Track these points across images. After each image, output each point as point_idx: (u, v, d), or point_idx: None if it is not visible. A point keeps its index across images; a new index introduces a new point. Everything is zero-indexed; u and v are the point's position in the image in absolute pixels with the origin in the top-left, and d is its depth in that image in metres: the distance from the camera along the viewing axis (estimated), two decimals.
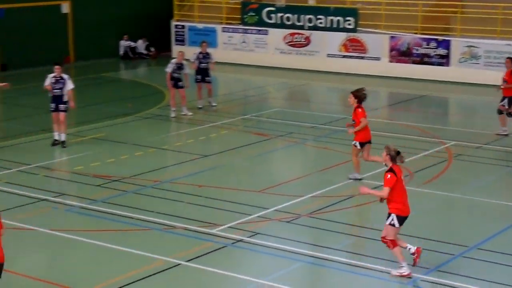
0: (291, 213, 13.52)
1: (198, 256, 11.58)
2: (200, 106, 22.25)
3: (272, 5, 30.82)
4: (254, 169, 16.71)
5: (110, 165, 16.74)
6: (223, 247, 12.02)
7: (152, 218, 13.19)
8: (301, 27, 30.26)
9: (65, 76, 17.82)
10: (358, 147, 15.16)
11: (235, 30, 31.57)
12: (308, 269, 11.38)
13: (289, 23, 30.53)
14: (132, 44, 32.61)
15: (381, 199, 10.98)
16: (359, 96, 15.16)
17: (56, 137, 17.96)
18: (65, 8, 30.61)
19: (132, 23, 32.76)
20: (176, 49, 29.14)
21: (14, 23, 28.67)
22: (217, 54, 30.38)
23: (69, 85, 17.84)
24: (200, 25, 32.27)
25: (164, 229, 12.76)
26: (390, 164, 10.85)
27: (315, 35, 29.92)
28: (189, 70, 21.41)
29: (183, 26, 32.56)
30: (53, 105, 17.76)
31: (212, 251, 11.83)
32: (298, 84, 27.66)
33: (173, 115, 21.06)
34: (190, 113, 21.22)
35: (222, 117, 21.38)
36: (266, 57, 30.96)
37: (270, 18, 30.93)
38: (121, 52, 32.58)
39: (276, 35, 30.69)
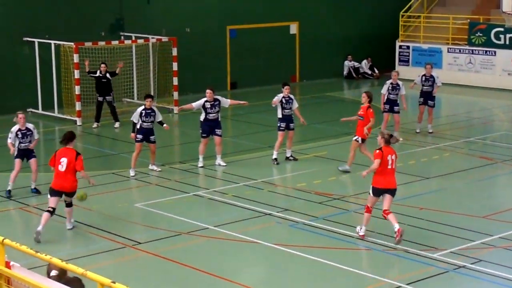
0: None
1: (419, 280, 11.47)
2: (417, 131, 21.78)
3: (502, 26, 29.83)
4: (478, 194, 16.27)
5: (332, 183, 17.01)
6: (444, 272, 11.83)
7: (373, 239, 13.24)
8: None
9: (291, 96, 18.41)
10: (360, 142, 17.30)
11: (461, 51, 30.92)
12: None
13: None
14: (356, 64, 32.90)
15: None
16: (371, 96, 17.34)
17: (288, 154, 18.72)
18: (294, 28, 31.53)
19: (357, 43, 33.07)
20: (399, 69, 29.02)
21: (245, 43, 29.95)
22: (442, 74, 29.83)
23: (295, 104, 18.39)
24: (425, 46, 31.94)
25: (385, 250, 12.78)
26: (382, 145, 12.95)
27: None
28: (405, 91, 20.65)
29: (408, 47, 32.39)
30: (283, 125, 18.37)
31: (433, 276, 11.68)
32: None
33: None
34: (401, 139, 20.23)
35: (445, 139, 21.02)
36: (493, 79, 30.02)
37: (498, 39, 29.95)
38: (345, 72, 32.98)
39: (505, 56, 29.66)
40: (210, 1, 29.11)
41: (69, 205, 13.69)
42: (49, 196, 13.40)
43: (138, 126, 17.39)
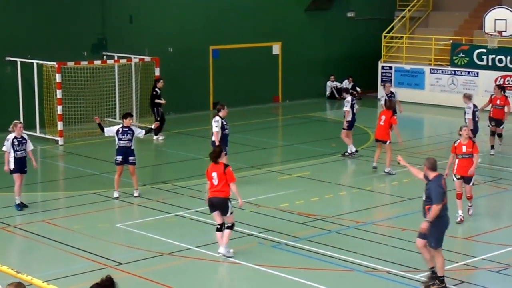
0: (500, 263, 13.02)
1: None
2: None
3: (484, 47, 30.02)
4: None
5: (314, 203, 16.97)
6: None
7: (355, 259, 13.20)
8: None
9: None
10: None
11: (443, 72, 31.09)
12: None
13: (501, 65, 29.62)
14: (339, 84, 32.99)
15: None
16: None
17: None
18: (276, 49, 31.61)
19: (339, 64, 33.21)
20: (381, 90, 29.11)
21: (228, 63, 29.97)
22: (424, 95, 30.14)
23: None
24: (407, 66, 32.11)
25: (367, 271, 12.73)
26: None
27: None
28: (398, 97, 22.82)
29: (390, 67, 32.56)
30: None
31: None
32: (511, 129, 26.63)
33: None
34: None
35: None
36: (475, 99, 30.12)
37: (481, 60, 30.17)
38: (328, 92, 33.06)
39: (487, 77, 29.85)
40: (193, 21, 29.14)
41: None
42: None
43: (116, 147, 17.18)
